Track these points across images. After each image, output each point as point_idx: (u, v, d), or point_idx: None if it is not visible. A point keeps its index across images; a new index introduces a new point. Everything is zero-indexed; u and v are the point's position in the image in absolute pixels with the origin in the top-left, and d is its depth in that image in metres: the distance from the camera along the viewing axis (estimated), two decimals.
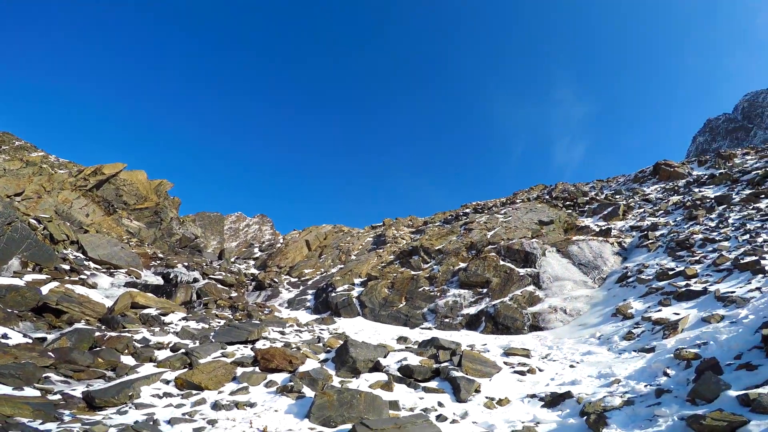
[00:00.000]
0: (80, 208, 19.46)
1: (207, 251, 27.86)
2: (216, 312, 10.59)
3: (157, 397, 5.39)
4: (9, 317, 6.65)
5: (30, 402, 4.43)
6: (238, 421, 4.75)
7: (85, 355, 5.98)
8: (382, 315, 12.92)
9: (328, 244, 22.91)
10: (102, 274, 11.76)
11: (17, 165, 19.52)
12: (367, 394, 5.30)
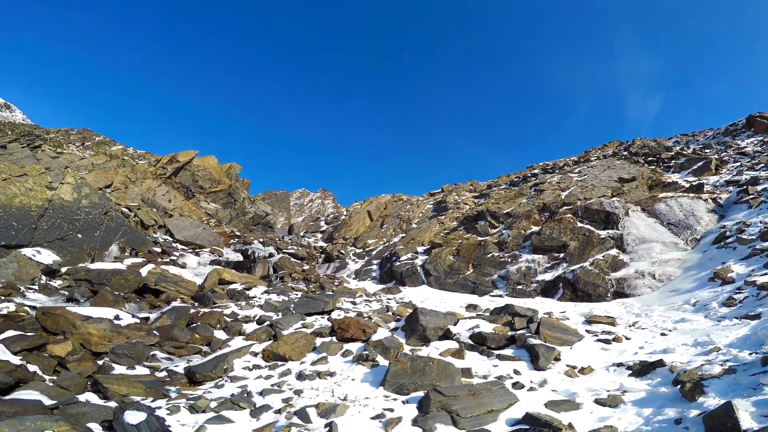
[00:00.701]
0: (162, 195, 21.26)
1: (277, 227, 29.50)
2: (292, 285, 11.28)
3: (247, 369, 5.95)
4: (117, 299, 7.58)
5: (142, 380, 5.09)
6: (321, 391, 5.12)
7: (184, 332, 6.71)
8: (447, 283, 12.94)
9: (388, 214, 23.19)
10: (189, 254, 12.95)
11: (102, 159, 21.56)
12: (440, 361, 5.42)
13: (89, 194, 12.21)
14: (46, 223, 10.48)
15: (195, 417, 4.46)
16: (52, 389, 4.90)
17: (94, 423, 4.13)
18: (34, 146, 22.72)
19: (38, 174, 11.55)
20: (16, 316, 6.33)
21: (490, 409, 4.52)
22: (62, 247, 10.29)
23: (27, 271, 8.54)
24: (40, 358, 5.44)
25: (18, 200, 10.49)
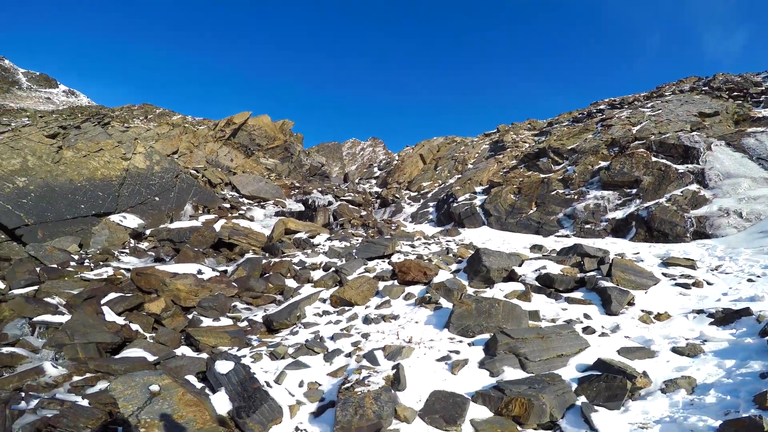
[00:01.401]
0: (224, 155, 22.25)
1: (332, 177, 30.17)
2: (351, 231, 11.63)
3: (318, 315, 6.33)
4: (197, 255, 8.26)
5: (227, 331, 5.59)
6: (386, 334, 5.33)
7: (259, 282, 7.22)
8: (509, 223, 12.58)
9: (442, 156, 22.79)
10: (255, 208, 13.72)
11: (165, 129, 22.72)
12: (506, 303, 5.39)
13: (159, 161, 13.06)
14: (126, 191, 11.45)
15: (276, 363, 4.86)
16: (153, 345, 5.54)
17: (191, 375, 4.64)
18: (104, 123, 24.38)
19: (113, 147, 12.46)
20: (115, 279, 7.15)
21: (560, 354, 4.47)
22: (143, 210, 11.28)
23: (117, 236, 9.51)
24: (140, 316, 6.15)
25: (99, 173, 11.47)
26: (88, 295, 6.28)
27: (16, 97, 51.46)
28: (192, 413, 3.81)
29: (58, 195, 10.19)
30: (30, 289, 6.69)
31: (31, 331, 5.85)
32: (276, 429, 3.88)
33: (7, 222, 9.07)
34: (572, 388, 3.90)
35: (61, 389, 4.62)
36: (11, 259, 8.03)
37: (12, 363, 4.99)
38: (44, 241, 8.78)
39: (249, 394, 4.18)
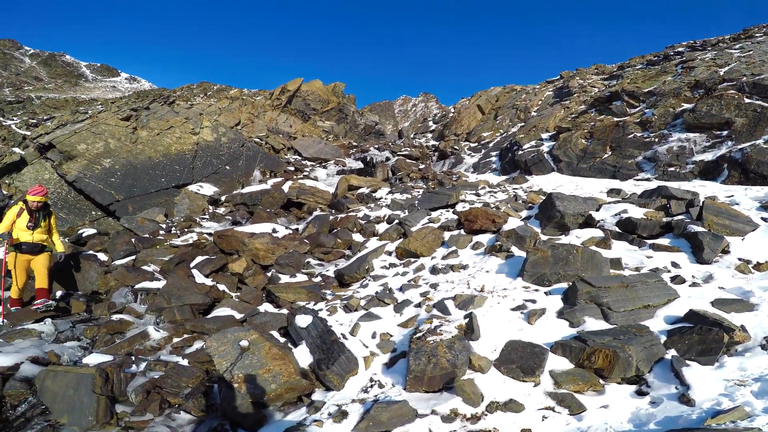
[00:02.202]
0: (283, 122, 22.81)
1: (387, 134, 30.02)
2: (411, 184, 11.55)
3: (385, 268, 6.39)
4: (270, 216, 8.68)
5: (304, 286, 5.85)
6: (456, 283, 5.25)
7: (328, 238, 7.45)
8: (581, 168, 11.77)
9: (501, 105, 21.71)
10: (318, 168, 14.08)
11: (225, 103, 23.57)
12: (585, 249, 5.06)
13: (225, 132, 13.65)
14: (199, 162, 12.17)
15: (349, 315, 5.02)
16: (238, 304, 5.94)
17: (274, 330, 4.94)
18: (169, 103, 25.77)
19: (181, 124, 13.18)
20: (200, 243, 7.73)
21: (646, 304, 4.15)
22: (217, 179, 11.99)
23: (197, 204, 10.26)
24: (225, 277, 6.63)
25: (174, 148, 12.25)
26: (178, 260, 6.87)
27: (85, 89, 55.76)
28: (278, 367, 4.05)
29: (140, 171, 11.10)
30: (129, 259, 7.44)
31: (134, 298, 6.47)
32: (353, 380, 4.04)
33: (101, 200, 10.11)
34: (661, 341, 3.62)
35: (164, 351, 5.08)
36: (109, 233, 8.97)
37: (122, 329, 5.57)
38: (134, 214, 9.70)
39: (327, 347, 4.36)
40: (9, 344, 5.07)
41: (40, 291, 6.20)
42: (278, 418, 3.83)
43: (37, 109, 29.36)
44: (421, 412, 3.35)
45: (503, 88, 24.01)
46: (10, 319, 5.88)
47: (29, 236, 6.18)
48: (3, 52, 58.28)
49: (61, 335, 5.54)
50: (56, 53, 68.35)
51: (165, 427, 3.83)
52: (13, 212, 6.22)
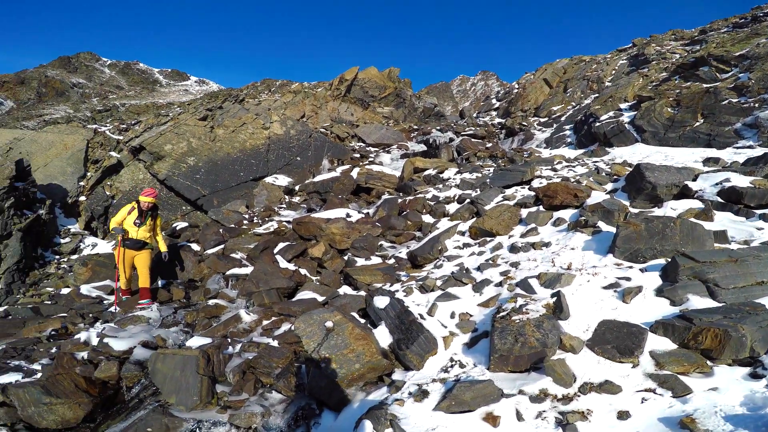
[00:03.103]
0: (345, 111, 23.21)
1: (447, 116, 29.47)
2: (479, 163, 11.23)
3: (458, 248, 6.30)
4: (341, 201, 8.94)
5: (380, 268, 5.95)
6: (539, 261, 5.03)
7: (399, 220, 7.50)
8: (669, 138, 10.77)
9: (570, 78, 20.52)
10: (382, 153, 14.19)
11: (289, 97, 24.35)
12: (684, 222, 4.60)
13: (293, 125, 14.18)
14: (272, 155, 12.80)
15: (426, 296, 5.02)
16: (319, 287, 6.15)
17: (353, 312, 5.04)
18: (239, 101, 27.20)
19: (253, 120, 13.88)
20: (280, 230, 8.17)
21: (761, 281, 3.71)
22: (289, 170, 12.55)
23: (274, 194, 10.83)
24: (305, 261, 6.94)
25: (248, 143, 12.97)
26: (263, 247, 7.31)
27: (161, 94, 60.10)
28: (361, 347, 4.16)
29: (221, 167, 11.90)
30: (218, 248, 8.04)
31: (226, 284, 6.91)
32: (432, 360, 4.03)
33: (189, 195, 11.02)
34: None
35: (255, 333, 5.30)
36: (199, 225, 9.77)
37: (217, 313, 5.93)
38: (219, 207, 10.45)
39: (406, 327, 4.40)
40: (123, 330, 5.56)
41: (143, 291, 6.80)
42: (360, 397, 3.93)
43: (123, 116, 32.37)
44: (507, 392, 3.28)
45: (570, 59, 22.77)
46: (122, 307, 6.62)
47: (134, 233, 6.85)
48: (85, 65, 64.41)
49: (166, 320, 6.03)
50: (131, 62, 74.54)
51: (259, 406, 4.02)
52: (126, 209, 6.94)
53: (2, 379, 4.83)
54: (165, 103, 40.42)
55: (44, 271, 9.46)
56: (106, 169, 11.57)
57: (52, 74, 53.49)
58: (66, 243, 10.27)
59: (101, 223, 10.87)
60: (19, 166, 10.21)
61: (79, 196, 11.41)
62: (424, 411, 3.36)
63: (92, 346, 5.20)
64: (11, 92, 50.99)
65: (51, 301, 7.88)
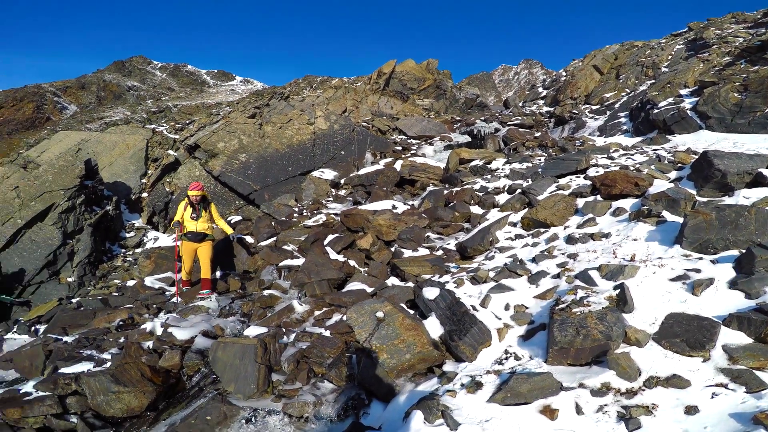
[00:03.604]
0: (384, 105, 23.25)
1: (490, 106, 28.79)
2: (528, 153, 10.91)
3: (510, 239, 6.15)
4: (386, 193, 8.99)
5: (428, 259, 5.91)
6: (599, 253, 4.84)
7: (446, 211, 7.44)
8: (738, 124, 10.01)
9: (622, 64, 19.72)
10: (424, 145, 14.11)
11: (330, 92, 24.66)
12: (759, 210, 4.27)
13: (337, 120, 14.39)
14: (318, 150, 13.07)
15: (478, 288, 4.94)
16: (367, 278, 6.20)
17: (402, 303, 5.03)
18: (285, 98, 27.83)
19: (298, 116, 14.20)
20: (328, 222, 8.35)
21: None
22: (334, 164, 12.78)
23: (321, 188, 11.09)
24: (354, 253, 7.05)
25: (295, 139, 13.30)
26: (313, 239, 7.50)
27: (209, 95, 62.34)
28: (412, 337, 4.18)
29: (270, 163, 12.31)
30: (271, 241, 8.31)
31: (279, 275, 7.08)
32: (485, 352, 3.98)
33: (242, 190, 11.49)
34: None
35: (308, 323, 5.39)
36: (251, 218, 10.16)
37: (271, 303, 6.09)
38: (270, 201, 10.83)
39: (458, 318, 4.37)
40: (184, 320, 5.77)
41: (204, 281, 7.12)
42: (409, 388, 3.93)
43: (176, 116, 33.97)
44: (566, 385, 3.22)
45: (621, 45, 21.91)
46: (183, 298, 7.00)
47: (194, 226, 7.21)
48: (138, 68, 67.83)
49: (224, 310, 6.24)
50: (179, 64, 77.89)
51: (311, 396, 4.10)
52: (182, 206, 7.33)
53: (75, 369, 5.09)
54: (213, 103, 42.05)
55: (112, 264, 10.21)
56: (165, 167, 12.28)
57: (109, 78, 57.04)
58: (131, 237, 11.03)
59: (162, 218, 11.58)
60: (88, 166, 11.05)
61: (141, 193, 12.21)
62: (477, 402, 3.34)
63: (157, 336, 5.43)
64: (74, 97, 54.82)
65: (118, 292, 8.43)
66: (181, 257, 7.46)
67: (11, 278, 9.23)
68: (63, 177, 10.41)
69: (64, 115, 46.28)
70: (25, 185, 10.19)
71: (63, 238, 9.69)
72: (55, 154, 11.52)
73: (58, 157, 11.23)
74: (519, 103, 24.78)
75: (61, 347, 5.80)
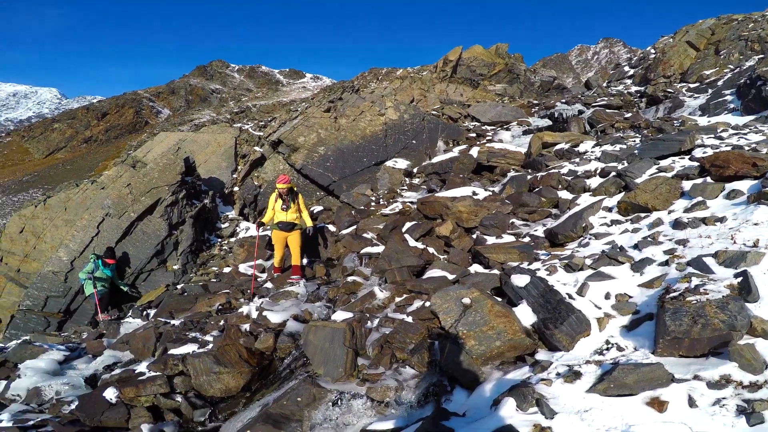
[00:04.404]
0: (453, 92, 22.80)
1: (570, 88, 27.09)
2: (619, 135, 10.11)
3: (606, 225, 5.75)
4: (464, 180, 8.87)
5: (515, 246, 5.69)
6: (714, 238, 4.38)
7: (531, 197, 7.15)
8: None
9: (721, 39, 18.02)
10: (500, 131, 13.66)
11: (397, 83, 24.68)
12: None
13: (406, 109, 14.42)
14: (390, 140, 13.22)
15: (573, 275, 4.69)
16: (448, 265, 6.11)
17: (486, 290, 4.94)
18: (355, 91, 28.36)
19: (369, 108, 14.43)
20: (405, 210, 8.46)
21: None
22: (406, 153, 12.85)
23: (395, 177, 11.24)
24: (432, 240, 7.05)
25: (368, 130, 13.56)
26: (392, 227, 7.63)
27: (283, 93, 65.31)
28: (502, 324, 4.07)
29: (347, 155, 12.70)
30: (351, 229, 8.60)
31: (360, 262, 7.29)
32: (584, 341, 3.80)
33: (322, 182, 12.01)
34: None
35: (389, 309, 5.40)
36: (332, 208, 10.58)
37: (354, 289, 6.27)
38: (348, 191, 11.19)
39: (552, 306, 4.20)
40: (276, 304, 6.08)
41: (294, 268, 7.58)
42: (497, 376, 3.83)
43: (256, 116, 36.07)
44: (678, 377, 3.01)
45: (717, 19, 19.97)
46: (275, 284, 7.47)
47: (284, 216, 7.69)
48: (218, 72, 72.91)
49: (311, 296, 6.56)
50: (254, 66, 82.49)
51: (393, 380, 4.11)
52: (272, 199, 7.84)
53: (182, 350, 5.45)
54: (288, 101, 44.17)
55: (210, 252, 11.23)
56: (252, 162, 13.20)
57: (194, 83, 62.12)
58: (225, 228, 12.05)
59: (252, 210, 12.51)
60: (187, 163, 12.20)
61: (233, 187, 13.26)
62: (575, 392, 3.22)
63: (253, 319, 5.75)
64: (166, 101, 60.56)
65: (216, 279, 9.24)
66: (273, 246, 7.96)
67: (126, 266, 10.53)
68: (166, 174, 11.61)
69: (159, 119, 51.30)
70: (135, 182, 11.52)
71: (169, 229, 10.84)
72: (158, 153, 12.88)
73: (161, 155, 12.53)
74: (603, 84, 23.09)
75: (170, 330, 6.39)
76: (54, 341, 7.66)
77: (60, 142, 66.33)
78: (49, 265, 10.28)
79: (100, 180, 11.81)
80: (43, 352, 6.45)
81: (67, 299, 10.04)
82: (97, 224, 10.70)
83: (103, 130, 63.12)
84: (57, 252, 10.44)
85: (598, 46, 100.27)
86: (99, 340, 7.21)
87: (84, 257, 10.30)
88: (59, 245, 10.54)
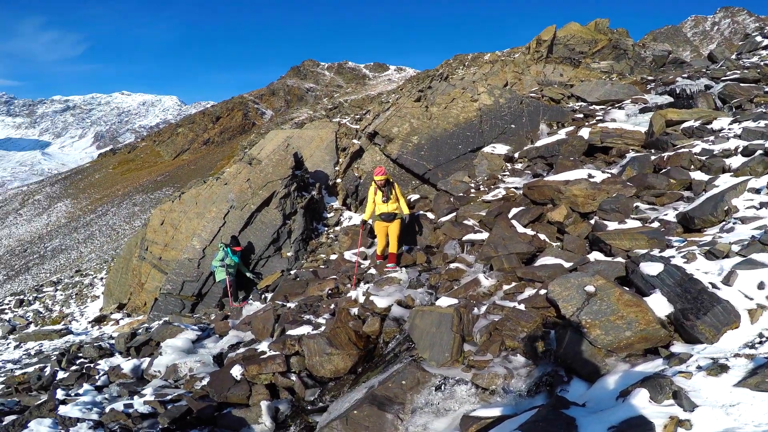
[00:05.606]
0: (551, 73, 21.35)
1: (689, 62, 23.94)
2: (762, 110, 8.66)
3: (753, 208, 4.99)
4: (575, 163, 8.26)
5: (643, 232, 5.16)
6: None
7: (658, 179, 6.44)
8: None
9: None
10: (612, 110, 12.48)
11: (487, 68, 23.69)
12: None
13: (501, 94, 13.88)
14: (486, 126, 12.86)
15: (717, 263, 4.19)
16: (562, 253, 5.77)
17: (611, 279, 4.55)
18: (444, 78, 27.96)
19: (461, 95, 14.15)
20: (509, 197, 8.19)
21: None
22: (505, 138, 12.40)
23: (494, 163, 10.93)
24: (543, 226, 6.73)
25: (461, 117, 13.34)
26: (497, 213, 7.45)
27: (370, 87, 66.68)
28: (633, 313, 3.80)
29: (441, 143, 12.66)
30: (450, 216, 8.59)
31: (461, 249, 7.26)
32: (731, 334, 3.47)
33: (417, 170, 12.15)
34: None
35: (496, 297, 5.29)
36: (428, 196, 10.68)
37: (457, 276, 6.24)
38: (444, 179, 11.19)
39: (692, 296, 3.82)
40: (381, 290, 6.31)
41: (391, 256, 7.82)
42: (623, 368, 3.60)
43: (348, 110, 37.44)
44: None
45: None
46: (378, 270, 7.78)
47: (385, 207, 7.95)
48: (310, 71, 76.74)
49: (413, 282, 6.67)
50: (342, 62, 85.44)
51: (502, 368, 4.02)
52: (371, 192, 8.15)
53: (298, 331, 5.86)
54: (376, 94, 45.21)
55: (318, 240, 12.07)
56: (352, 155, 13.84)
57: (291, 83, 66.52)
58: (331, 217, 12.87)
59: (354, 200, 13.16)
60: (296, 158, 13.20)
61: (336, 179, 14.06)
62: (719, 386, 2.94)
63: (360, 304, 6.00)
64: (268, 102, 65.69)
65: (324, 265, 9.88)
66: (376, 235, 8.30)
67: (249, 253, 11.77)
68: (279, 169, 12.70)
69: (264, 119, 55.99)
70: (253, 177, 12.78)
71: (283, 219, 11.88)
72: (270, 150, 14.11)
73: (273, 152, 13.70)
74: (732, 56, 19.91)
75: (287, 312, 6.93)
76: (188, 322, 8.76)
77: (184, 144, 76.31)
78: (185, 253, 11.88)
79: (223, 177, 13.33)
80: (180, 331, 7.43)
81: (199, 284, 11.53)
82: (224, 216, 12.10)
83: (218, 132, 71.34)
84: (191, 241, 12.03)
85: (717, 15, 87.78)
86: (225, 321, 8.15)
87: (213, 245, 11.74)
88: (192, 235, 12.13)
